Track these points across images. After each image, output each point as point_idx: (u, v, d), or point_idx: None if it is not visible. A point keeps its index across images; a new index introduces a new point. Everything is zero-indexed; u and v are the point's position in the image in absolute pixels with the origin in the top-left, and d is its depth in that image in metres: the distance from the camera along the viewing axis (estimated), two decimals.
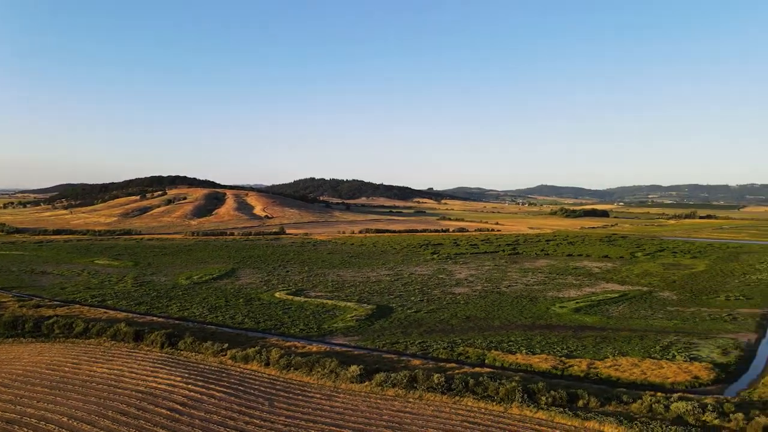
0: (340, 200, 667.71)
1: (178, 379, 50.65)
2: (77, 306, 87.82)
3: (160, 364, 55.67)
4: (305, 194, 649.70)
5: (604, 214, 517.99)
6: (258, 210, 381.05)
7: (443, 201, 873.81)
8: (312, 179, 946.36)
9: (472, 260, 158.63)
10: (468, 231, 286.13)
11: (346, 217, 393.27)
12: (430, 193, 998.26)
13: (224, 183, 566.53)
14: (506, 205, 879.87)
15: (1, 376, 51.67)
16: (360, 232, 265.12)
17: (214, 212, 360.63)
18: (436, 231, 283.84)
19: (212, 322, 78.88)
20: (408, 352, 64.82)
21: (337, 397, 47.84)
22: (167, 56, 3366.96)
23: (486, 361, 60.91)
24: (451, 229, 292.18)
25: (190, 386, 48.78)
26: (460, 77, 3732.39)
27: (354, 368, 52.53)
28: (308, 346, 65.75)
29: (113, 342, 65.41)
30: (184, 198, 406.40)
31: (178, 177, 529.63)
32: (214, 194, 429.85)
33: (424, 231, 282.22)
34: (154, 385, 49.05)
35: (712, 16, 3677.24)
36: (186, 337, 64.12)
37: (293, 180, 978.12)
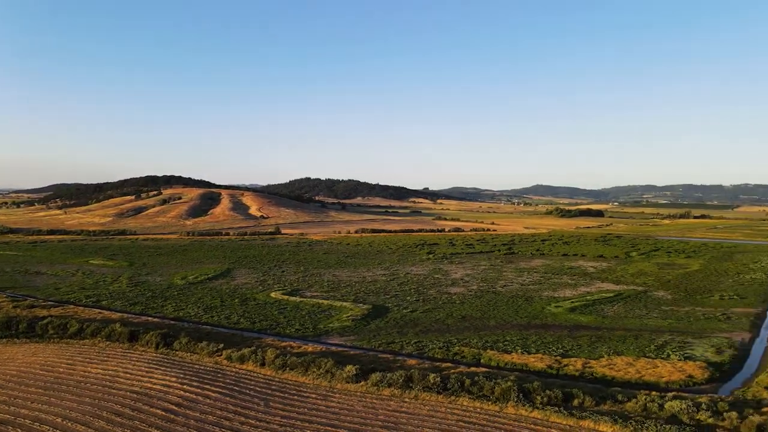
0: (335, 200, 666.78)
1: (173, 379, 50.50)
2: (72, 306, 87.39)
3: (155, 364, 55.49)
4: (301, 194, 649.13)
5: (599, 213, 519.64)
6: (253, 210, 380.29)
7: (439, 201, 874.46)
8: (308, 179, 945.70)
9: (467, 260, 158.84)
10: (464, 231, 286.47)
11: (341, 217, 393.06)
12: (426, 193, 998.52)
13: (219, 183, 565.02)
14: (502, 204, 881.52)
15: None
16: (356, 231, 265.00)
17: (209, 212, 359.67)
18: (432, 231, 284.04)
19: (208, 323, 78.68)
20: (404, 351, 64.84)
21: (332, 397, 47.81)
22: (167, 56, 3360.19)
23: (482, 361, 61.02)
24: (446, 229, 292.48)
25: (185, 386, 48.65)
26: (456, 77, 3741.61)
27: (350, 368, 52.51)
28: (304, 346, 65.66)
29: (108, 342, 65.12)
30: (179, 198, 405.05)
31: (173, 177, 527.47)
32: (209, 194, 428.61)
33: (420, 231, 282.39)
34: (149, 385, 48.89)
35: (710, 15, 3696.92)
36: (181, 338, 63.93)
37: (289, 180, 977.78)
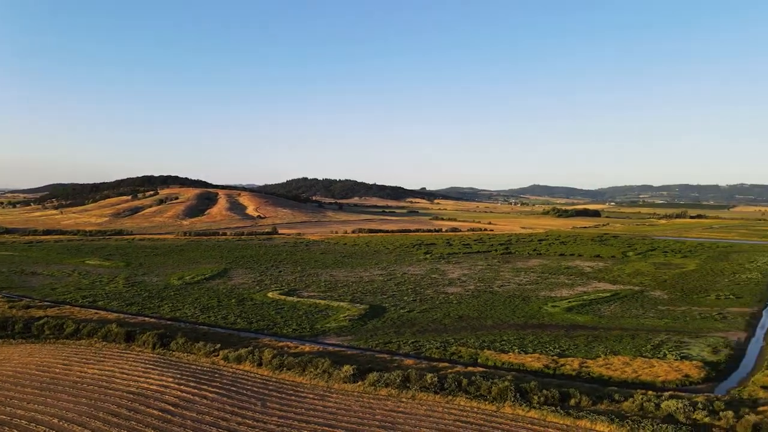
0: (332, 200, 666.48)
1: (169, 379, 50.39)
2: (68, 307, 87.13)
3: (151, 364, 55.36)
4: (298, 194, 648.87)
5: (596, 213, 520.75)
6: (250, 210, 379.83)
7: (436, 201, 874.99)
8: (305, 179, 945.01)
9: (464, 260, 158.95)
10: (461, 231, 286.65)
11: (338, 217, 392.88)
12: (423, 193, 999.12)
13: (216, 183, 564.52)
14: (499, 204, 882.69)
15: None
16: (353, 231, 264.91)
17: (206, 212, 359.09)
18: (429, 231, 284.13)
19: (204, 323, 78.54)
20: (401, 351, 64.85)
21: (329, 397, 47.78)
22: (166, 56, 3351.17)
23: (479, 361, 61.07)
24: (443, 229, 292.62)
25: (182, 387, 48.55)
26: (453, 78, 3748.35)
27: (347, 368, 52.49)
28: (301, 346, 65.61)
29: (104, 343, 64.95)
30: (176, 198, 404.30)
31: (170, 177, 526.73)
32: (206, 194, 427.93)
33: (417, 231, 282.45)
34: (146, 385, 48.78)
35: (709, 15, 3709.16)
36: (178, 338, 63.80)
37: (286, 180, 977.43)
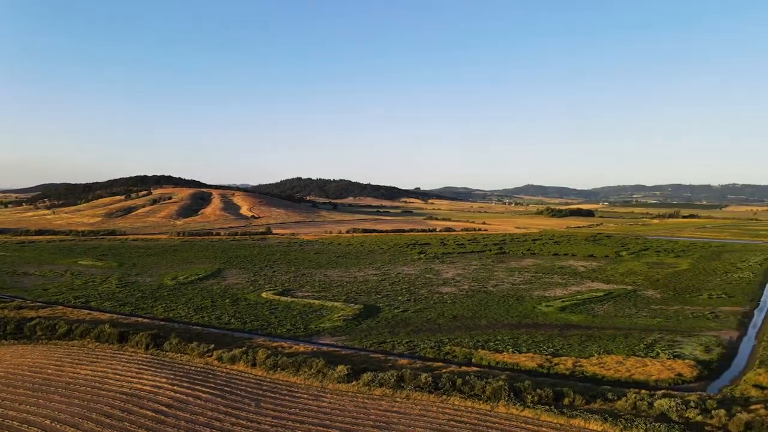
0: (327, 200, 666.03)
1: (163, 380, 50.18)
2: (60, 307, 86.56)
3: (145, 365, 55.11)
4: (292, 194, 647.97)
5: (590, 213, 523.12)
6: (244, 210, 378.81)
7: (430, 201, 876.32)
8: (299, 179, 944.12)
9: (459, 260, 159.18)
10: (455, 230, 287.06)
11: (333, 217, 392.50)
12: (417, 193, 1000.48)
13: (210, 183, 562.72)
14: (493, 204, 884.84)
15: None
16: (347, 231, 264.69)
17: (199, 212, 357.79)
18: (423, 231, 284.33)
19: (198, 323, 78.26)
20: (395, 351, 64.85)
21: (324, 397, 47.72)
22: (165, 56, 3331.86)
23: (473, 360, 61.17)
24: (438, 229, 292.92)
25: (175, 387, 48.35)
26: (449, 78, 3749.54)
27: (341, 368, 52.45)
28: (295, 347, 65.50)
29: (97, 343, 64.56)
30: (170, 198, 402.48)
31: (163, 177, 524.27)
32: (199, 194, 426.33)
33: (411, 231, 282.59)
34: (139, 386, 48.55)
35: (708, 15, 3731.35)
36: (171, 338, 63.50)
37: (280, 180, 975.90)
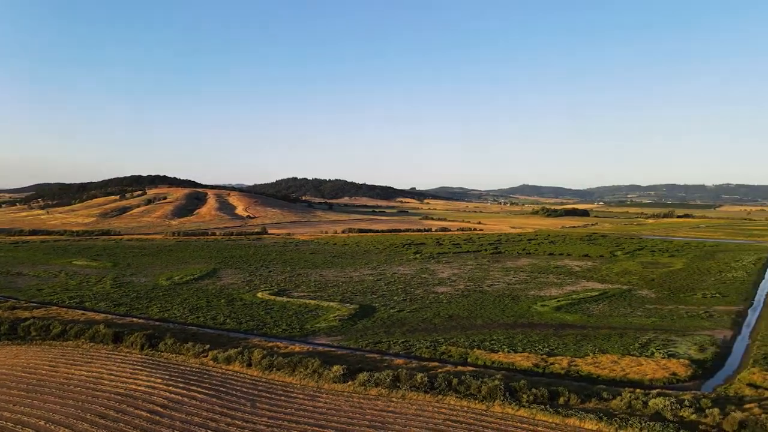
0: (322, 200, 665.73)
1: (158, 380, 50.02)
2: (54, 308, 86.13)
3: (140, 365, 54.92)
4: (287, 194, 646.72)
5: (585, 213, 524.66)
6: (240, 210, 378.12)
7: (426, 201, 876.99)
8: (294, 179, 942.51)
9: (454, 259, 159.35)
10: (450, 230, 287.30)
11: (328, 217, 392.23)
12: (413, 193, 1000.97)
13: (205, 183, 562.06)
14: (488, 204, 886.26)
15: None
16: (343, 231, 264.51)
17: (195, 212, 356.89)
18: (419, 230, 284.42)
19: (193, 323, 78.02)
20: (391, 351, 64.86)
21: (320, 397, 47.69)
22: (163, 56, 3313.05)
23: (468, 360, 61.26)
24: (433, 229, 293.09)
25: (170, 388, 48.21)
26: (446, 77, 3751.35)
27: (337, 368, 52.42)
28: (291, 347, 65.42)
29: (92, 344, 64.28)
30: (165, 198, 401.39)
31: (158, 177, 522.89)
32: (195, 194, 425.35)
33: (407, 231, 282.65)
34: (134, 387, 48.37)
35: (703, 14, 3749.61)
36: (166, 339, 63.29)
37: (275, 180, 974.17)
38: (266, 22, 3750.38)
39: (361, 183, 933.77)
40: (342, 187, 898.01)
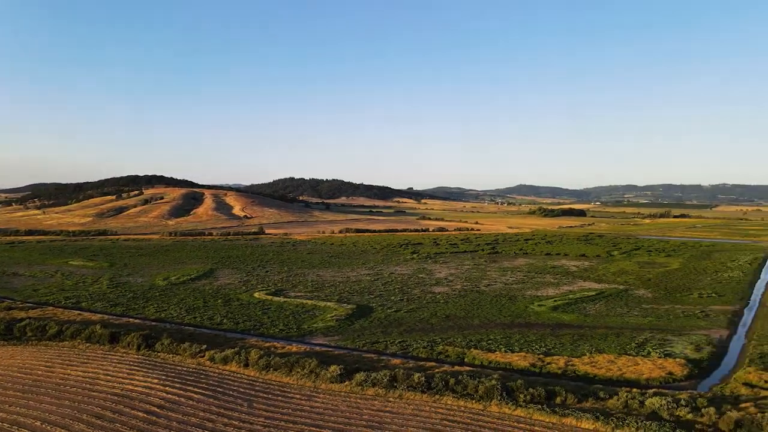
0: (319, 200, 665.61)
1: (155, 381, 49.92)
2: (50, 308, 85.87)
3: (136, 366, 54.80)
4: (284, 194, 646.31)
5: (582, 213, 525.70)
6: (237, 210, 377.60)
7: (423, 201, 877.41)
8: (291, 179, 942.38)
9: (451, 259, 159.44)
10: (448, 230, 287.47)
11: (325, 217, 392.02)
12: (410, 193, 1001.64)
13: (202, 183, 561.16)
14: (486, 204, 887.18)
15: None
16: (340, 231, 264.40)
17: (192, 212, 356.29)
18: (416, 230, 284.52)
19: (190, 324, 77.87)
20: (388, 351, 64.86)
21: (317, 397, 47.66)
22: (164, 56, 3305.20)
23: (465, 360, 61.28)
24: (430, 229, 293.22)
25: (167, 388, 48.11)
26: (444, 77, 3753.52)
27: (334, 368, 52.39)
28: (288, 347, 65.36)
29: (88, 344, 64.12)
30: (161, 198, 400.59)
31: (155, 176, 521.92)
32: (192, 194, 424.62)
33: (404, 231, 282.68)
34: (131, 387, 48.27)
35: (703, 14, 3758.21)
36: (163, 339, 63.15)
37: (272, 180, 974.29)
38: (266, 22, 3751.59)
39: (358, 183, 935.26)
40: (339, 187, 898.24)
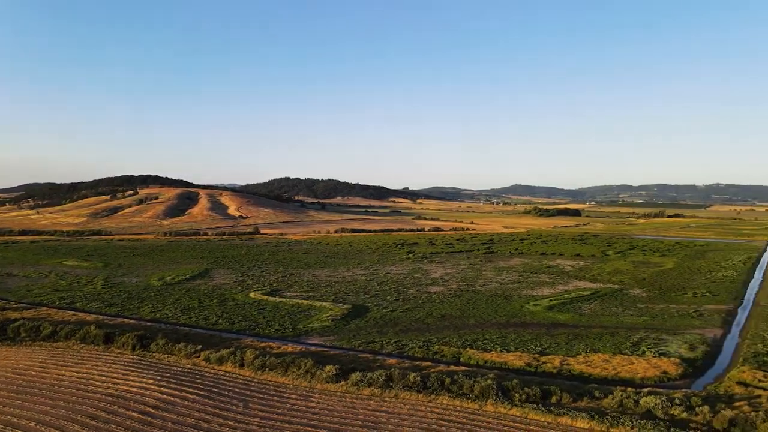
0: (315, 200, 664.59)
1: (150, 381, 49.75)
2: (45, 308, 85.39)
3: (131, 366, 54.60)
4: (280, 194, 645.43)
5: (577, 213, 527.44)
6: (232, 210, 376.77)
7: (419, 201, 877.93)
8: (287, 179, 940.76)
9: (447, 259, 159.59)
10: (443, 230, 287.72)
11: (321, 217, 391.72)
12: (406, 193, 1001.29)
13: (197, 182, 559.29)
14: (481, 204, 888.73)
15: None
16: (335, 231, 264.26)
17: (187, 212, 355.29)
18: (412, 230, 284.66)
19: (185, 324, 77.61)
20: (384, 351, 64.84)
21: (312, 397, 47.61)
22: (164, 56, 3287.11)
23: (461, 360, 61.35)
24: (426, 229, 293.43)
25: (162, 389, 47.96)
26: (444, 77, 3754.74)
27: (329, 368, 52.35)
28: (283, 347, 65.27)
29: (82, 345, 63.83)
30: (156, 198, 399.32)
31: (150, 176, 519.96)
32: (187, 194, 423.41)
33: (400, 230, 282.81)
34: (125, 388, 48.09)
35: (704, 14, 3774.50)
36: (158, 339, 62.96)
37: (268, 180, 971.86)
38: (266, 22, 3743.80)
39: (354, 183, 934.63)
40: (335, 187, 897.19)
